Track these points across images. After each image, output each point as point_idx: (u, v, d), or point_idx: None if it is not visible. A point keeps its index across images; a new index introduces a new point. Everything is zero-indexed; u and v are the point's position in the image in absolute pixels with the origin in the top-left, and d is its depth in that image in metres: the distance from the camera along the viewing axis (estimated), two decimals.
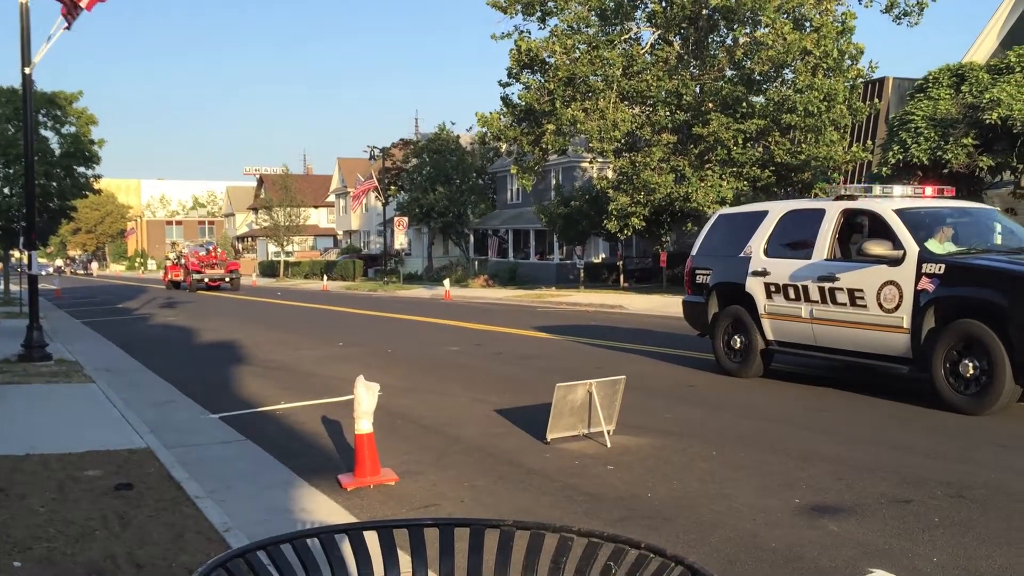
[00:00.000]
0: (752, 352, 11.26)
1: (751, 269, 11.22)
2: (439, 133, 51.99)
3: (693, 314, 12.63)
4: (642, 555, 2.17)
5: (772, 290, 10.89)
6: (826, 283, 10.11)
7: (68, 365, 13.54)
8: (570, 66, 27.99)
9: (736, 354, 11.58)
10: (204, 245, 50.86)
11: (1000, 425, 8.37)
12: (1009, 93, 18.95)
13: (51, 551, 5.00)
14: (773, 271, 10.91)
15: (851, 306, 9.85)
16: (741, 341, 11.45)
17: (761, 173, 27.17)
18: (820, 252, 10.36)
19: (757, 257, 11.21)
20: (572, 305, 27.45)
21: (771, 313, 10.94)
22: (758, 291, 11.09)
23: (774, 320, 10.92)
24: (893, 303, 9.36)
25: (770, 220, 11.33)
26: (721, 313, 11.86)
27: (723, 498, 6.22)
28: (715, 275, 11.97)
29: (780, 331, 10.92)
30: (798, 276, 10.52)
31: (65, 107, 31.42)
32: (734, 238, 11.79)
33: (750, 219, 11.79)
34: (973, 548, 5.09)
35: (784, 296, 10.73)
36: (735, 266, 11.53)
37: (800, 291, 10.49)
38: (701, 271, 12.33)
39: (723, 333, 11.78)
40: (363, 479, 6.73)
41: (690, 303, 12.67)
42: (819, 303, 10.25)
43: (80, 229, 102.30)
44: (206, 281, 44.76)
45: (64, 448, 7.58)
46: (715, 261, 12.06)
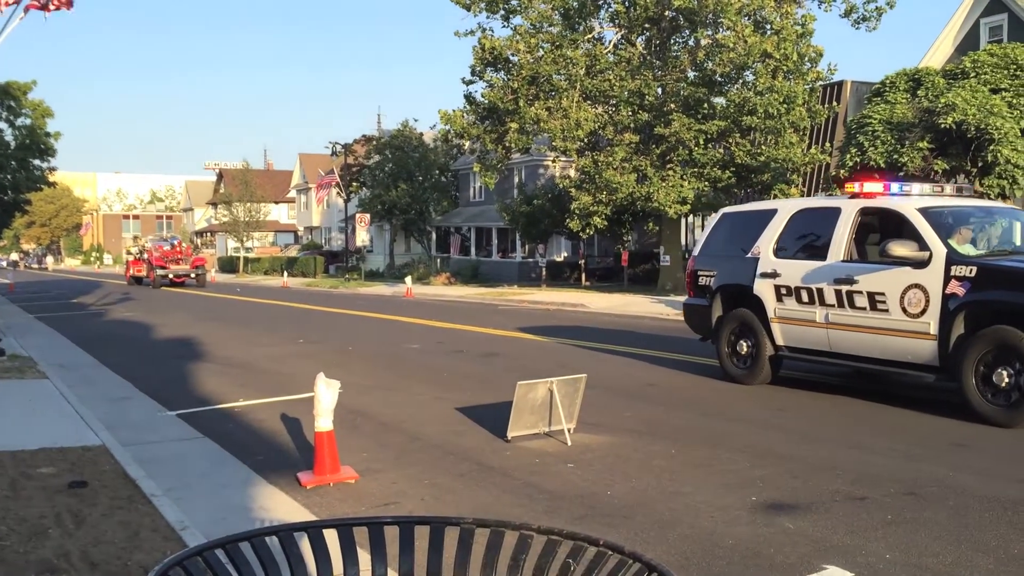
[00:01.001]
0: (760, 358, 10.64)
1: (759, 271, 10.63)
2: (402, 130, 51.76)
3: (695, 318, 11.98)
4: (600, 552, 2.19)
5: (783, 293, 10.29)
6: (843, 286, 9.55)
7: (21, 361, 13.30)
8: (533, 65, 28.04)
9: (742, 360, 10.96)
10: (168, 239, 48.81)
11: (959, 425, 8.53)
12: (964, 98, 19.30)
13: (3, 549, 4.92)
14: (784, 273, 10.31)
15: (871, 310, 9.28)
16: (748, 346, 10.84)
17: (722, 174, 27.43)
18: (836, 253, 9.78)
19: (766, 258, 10.62)
20: (534, 303, 27.50)
21: (782, 317, 10.36)
22: (767, 294, 10.49)
23: (785, 324, 10.34)
24: (918, 307, 8.81)
25: (779, 219, 10.72)
26: (726, 317, 11.24)
27: (681, 496, 6.28)
28: (719, 277, 11.39)
29: (791, 336, 10.31)
30: (812, 278, 9.94)
31: (20, 98, 30.88)
32: (740, 238, 11.21)
33: (757, 218, 11.21)
34: (925, 545, 5.19)
35: (796, 299, 10.13)
36: (741, 267, 10.95)
37: (814, 294, 9.90)
38: (704, 272, 11.70)
39: (728, 338, 11.16)
40: (323, 477, 6.70)
41: (692, 306, 12.00)
42: (835, 307, 9.65)
43: (34, 223, 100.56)
44: (170, 277, 43.44)
45: (16, 445, 7.45)
46: (719, 262, 11.47)
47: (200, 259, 46.84)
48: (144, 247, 47.40)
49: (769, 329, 10.49)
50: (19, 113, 31.25)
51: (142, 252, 46.86)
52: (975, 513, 5.77)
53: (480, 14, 29.75)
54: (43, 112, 31.53)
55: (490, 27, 30.22)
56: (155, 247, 45.55)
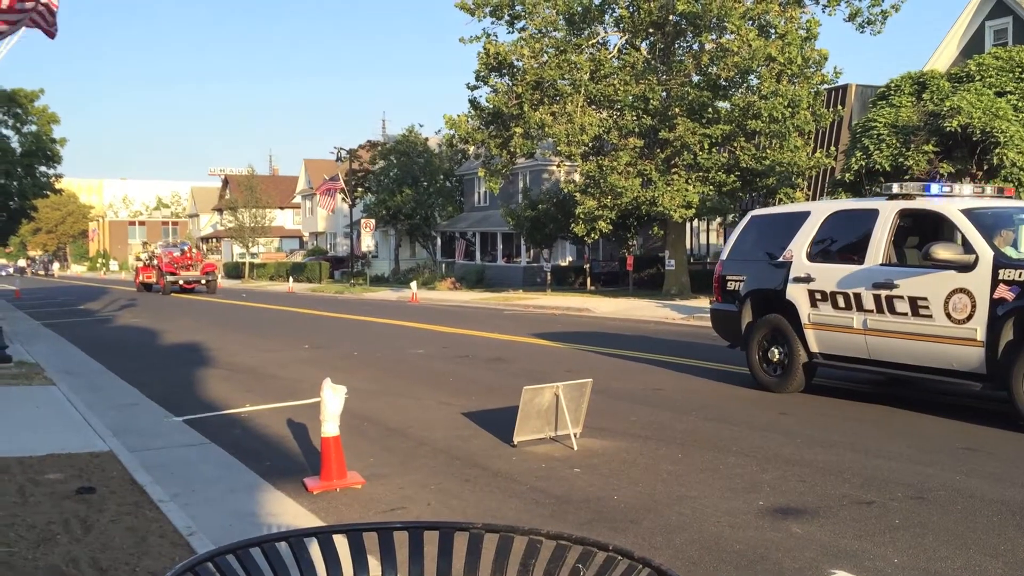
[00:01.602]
0: (793, 365, 10.32)
1: (792, 275, 10.28)
2: (407, 135, 51.85)
3: (723, 324, 11.63)
4: (610, 557, 2.19)
5: (817, 298, 9.95)
6: (882, 291, 9.19)
7: (28, 367, 13.33)
8: (538, 70, 28.08)
9: (775, 367, 10.63)
10: (178, 245, 47.63)
11: (968, 428, 8.51)
12: (969, 101, 19.29)
13: (11, 555, 4.93)
14: (818, 277, 9.97)
15: (913, 316, 8.91)
16: (780, 353, 10.51)
17: (727, 178, 27.42)
18: (874, 256, 9.43)
19: (799, 262, 10.27)
20: (539, 308, 27.50)
21: (816, 323, 10.01)
22: (801, 299, 10.15)
23: (820, 331, 9.99)
24: (964, 313, 8.45)
25: (813, 222, 10.39)
26: (757, 323, 10.89)
27: (688, 500, 6.27)
28: (749, 282, 11.04)
29: (827, 343, 9.97)
30: (848, 283, 9.60)
31: (26, 105, 31.03)
32: (770, 241, 10.89)
33: (788, 221, 10.88)
34: (933, 549, 5.18)
35: (832, 304, 9.78)
36: (773, 272, 10.62)
37: (851, 299, 9.54)
38: (732, 277, 11.34)
39: (759, 345, 10.83)
40: (329, 482, 6.70)
41: (720, 312, 11.64)
42: (874, 312, 9.31)
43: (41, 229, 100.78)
44: (180, 283, 42.59)
45: (24, 451, 7.46)
46: (749, 266, 11.12)
47: (210, 265, 46.01)
48: (154, 253, 46.62)
49: (803, 335, 10.18)
50: (25, 120, 31.40)
51: (152, 258, 46.04)
52: (984, 517, 5.75)
53: (485, 19, 29.81)
54: (49, 119, 31.68)
55: (495, 32, 30.48)
56: (165, 253, 44.90)
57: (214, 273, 44.75)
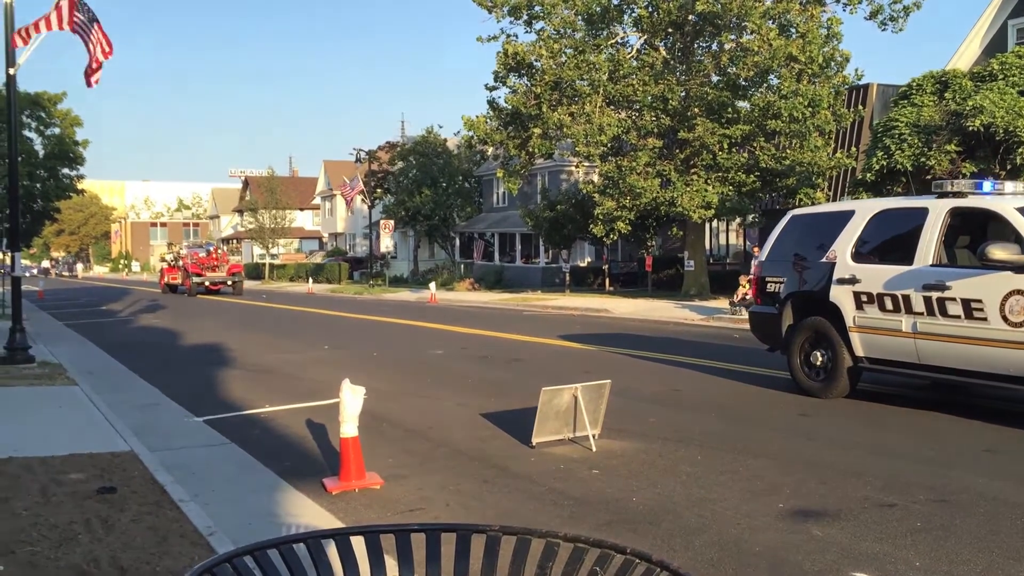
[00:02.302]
0: (837, 369, 9.96)
1: (836, 276, 9.94)
2: (426, 136, 51.99)
3: (763, 327, 11.29)
4: (628, 560, 2.18)
5: (863, 300, 9.60)
6: (933, 292, 8.83)
7: (51, 367, 13.45)
8: (556, 70, 28.05)
9: (817, 372, 10.29)
10: (204, 245, 46.63)
11: (991, 430, 8.43)
12: (992, 100, 19.10)
13: (34, 555, 4.97)
14: (864, 279, 9.62)
15: (966, 319, 8.57)
16: (823, 357, 10.18)
17: (746, 178, 27.29)
18: (924, 257, 9.08)
19: (843, 263, 9.93)
20: (558, 309, 27.48)
21: (862, 326, 9.65)
22: (846, 301, 9.80)
23: (866, 334, 9.63)
24: (1022, 315, 8.16)
25: (857, 221, 10.02)
26: (798, 326, 10.55)
27: (707, 502, 6.24)
28: (790, 283, 10.72)
29: (873, 346, 9.60)
30: (896, 284, 9.25)
31: (49, 108, 31.33)
32: (812, 242, 10.55)
33: (831, 220, 10.54)
34: (955, 552, 5.13)
35: (879, 307, 9.43)
36: (815, 273, 10.30)
37: (900, 301, 9.18)
38: (772, 279, 11.01)
39: (801, 348, 10.48)
40: (348, 483, 6.72)
41: (759, 315, 11.32)
42: (924, 315, 8.94)
43: (63, 231, 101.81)
44: (207, 284, 41.66)
45: (47, 451, 7.53)
46: (789, 268, 10.80)
47: (237, 266, 45.24)
48: (179, 254, 45.59)
49: (847, 339, 9.82)
50: (49, 123, 31.69)
51: (177, 259, 44.94)
52: (1007, 520, 5.70)
53: (504, 20, 29.83)
54: (72, 121, 31.97)
55: (514, 33, 30.39)
56: (191, 253, 44.05)
57: (240, 274, 43.98)
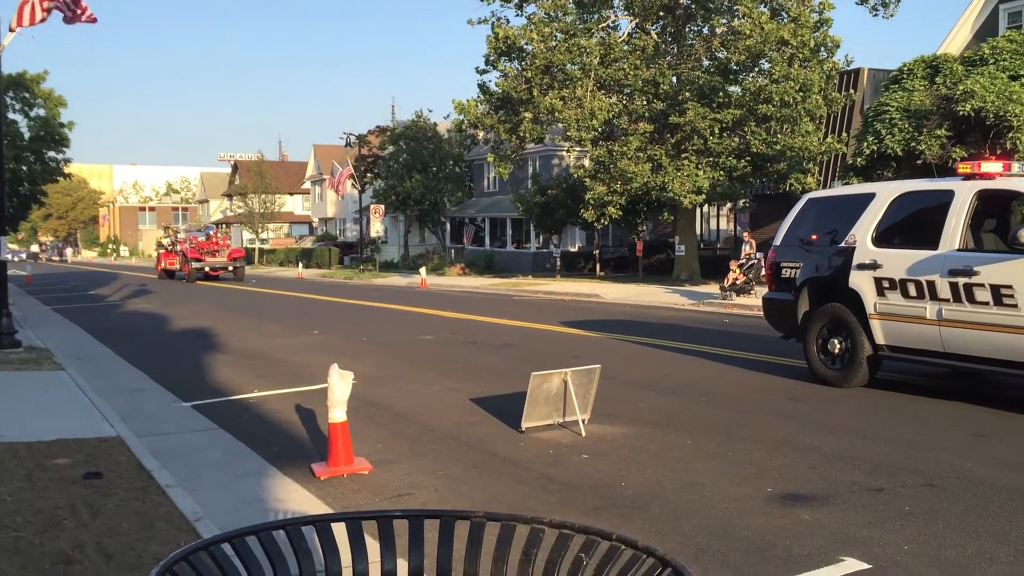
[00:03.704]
0: (857, 358, 9.66)
1: (856, 261, 9.61)
2: (416, 120, 51.72)
3: (778, 314, 10.96)
4: (613, 546, 2.16)
5: (885, 286, 9.27)
6: (960, 278, 8.51)
7: (38, 352, 13.37)
8: (547, 54, 27.91)
9: (835, 360, 9.99)
10: (203, 229, 44.47)
11: (979, 415, 8.45)
12: (982, 85, 19.09)
13: (18, 540, 4.93)
14: (886, 264, 9.28)
15: (995, 306, 8.26)
16: (841, 345, 9.88)
17: (737, 163, 27.27)
18: (949, 241, 8.74)
19: (863, 247, 9.59)
20: (548, 294, 27.46)
21: (883, 313, 9.31)
22: (866, 287, 9.48)
23: (887, 321, 9.30)
24: None
25: (878, 204, 9.67)
26: (815, 313, 10.23)
27: (696, 487, 6.24)
28: (806, 268, 10.37)
29: (895, 334, 9.28)
30: (920, 269, 8.91)
31: (32, 88, 30.98)
32: (830, 226, 10.23)
33: (850, 203, 10.18)
34: (944, 536, 5.14)
35: (902, 293, 9.10)
36: (833, 258, 9.97)
37: (924, 287, 8.85)
38: (788, 264, 10.66)
39: (817, 336, 10.15)
40: (337, 468, 6.69)
41: (774, 301, 10.99)
42: (950, 302, 8.61)
43: (51, 215, 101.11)
44: (206, 270, 39.68)
45: (33, 436, 7.48)
46: (806, 252, 10.45)
47: (238, 250, 43.15)
48: (177, 238, 43.63)
49: (867, 326, 9.51)
50: (33, 104, 31.36)
51: (174, 243, 42.93)
52: (995, 504, 5.71)
53: (494, 2, 29.66)
54: (56, 102, 31.63)
55: (504, 16, 30.17)
56: (189, 238, 42.35)
57: (242, 259, 42.12)
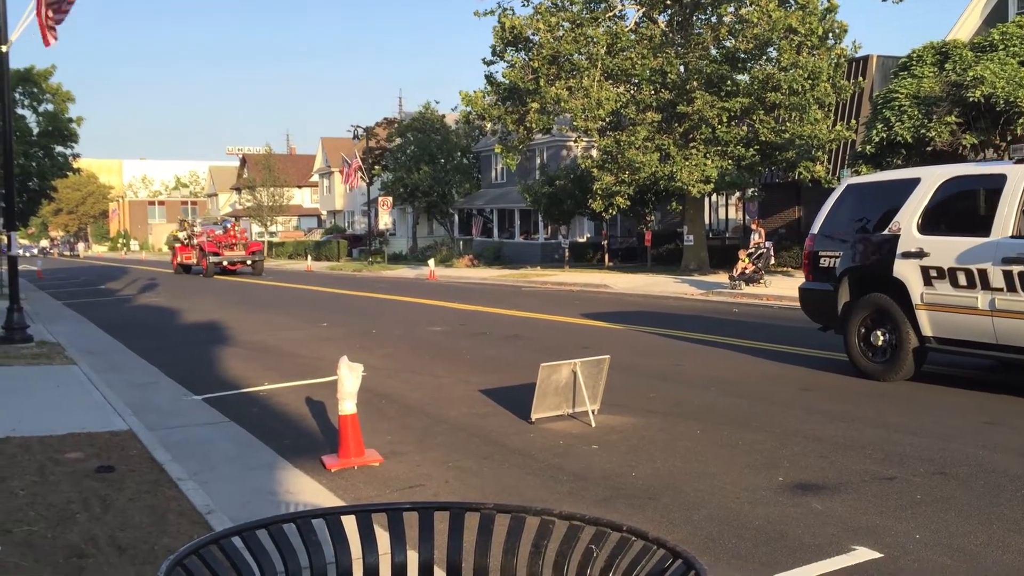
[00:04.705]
0: (902, 350, 9.31)
1: (901, 250, 9.23)
2: (423, 112, 51.68)
3: (816, 305, 10.61)
4: (624, 538, 2.15)
5: (932, 275, 8.89)
6: (1015, 266, 8.20)
7: (50, 347, 13.42)
8: (554, 44, 27.81)
9: (878, 352, 9.63)
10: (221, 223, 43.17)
11: (991, 402, 8.41)
12: (992, 71, 18.97)
13: (31, 534, 4.96)
14: (933, 252, 8.91)
15: None
16: (885, 337, 9.52)
17: (746, 152, 27.15)
18: (1002, 228, 8.40)
19: (909, 235, 9.21)
20: (557, 285, 27.45)
21: (931, 304, 8.95)
22: (912, 276, 9.09)
23: (935, 312, 8.93)
24: None
25: (924, 189, 9.28)
26: (856, 303, 9.88)
27: (707, 477, 6.23)
28: (846, 258, 10.01)
29: (943, 325, 8.90)
30: (971, 258, 8.55)
31: (41, 83, 31.01)
32: (872, 213, 9.90)
33: (894, 189, 9.83)
34: (955, 525, 5.12)
35: (951, 282, 8.74)
36: (876, 246, 9.60)
37: (975, 276, 8.49)
38: (826, 253, 10.29)
39: (859, 328, 9.80)
40: (347, 460, 6.71)
41: (812, 291, 10.61)
42: (1004, 291, 8.27)
43: (61, 210, 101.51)
44: (224, 264, 38.93)
45: (45, 430, 7.51)
46: (846, 241, 10.11)
47: (256, 244, 41.98)
48: (193, 232, 42.58)
49: (913, 317, 9.15)
50: (41, 99, 31.40)
51: (190, 237, 41.96)
52: (1008, 492, 5.69)
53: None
54: (64, 97, 31.66)
55: (510, 6, 30.07)
56: (206, 231, 41.49)
57: (261, 253, 40.91)
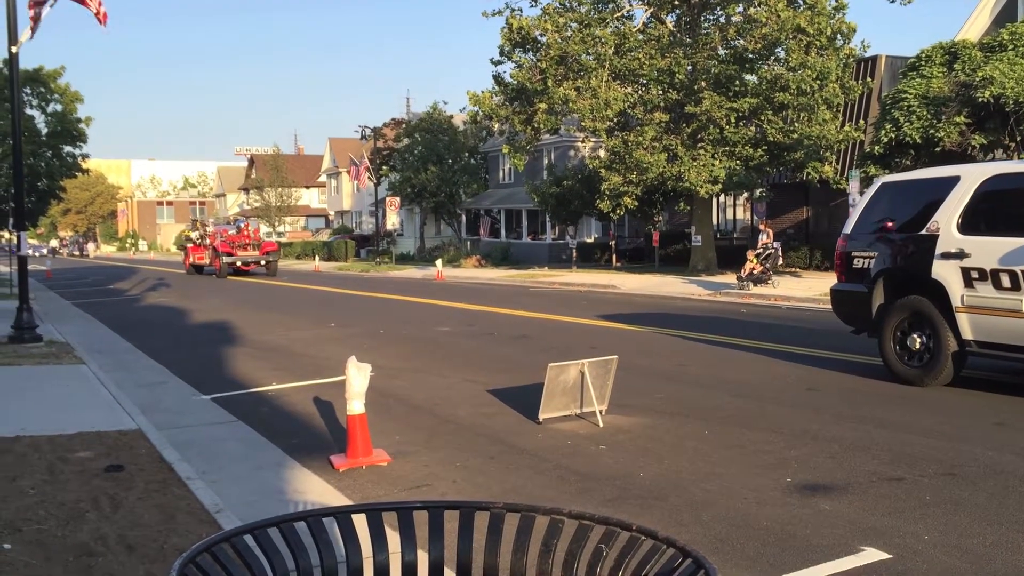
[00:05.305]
0: (940, 354, 9.02)
1: (940, 250, 8.95)
2: (431, 112, 51.71)
3: (849, 307, 10.35)
4: (633, 537, 2.15)
5: (974, 277, 8.62)
6: None
7: (59, 346, 13.47)
8: (562, 44, 27.81)
9: (915, 357, 9.36)
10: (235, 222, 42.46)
11: (1000, 403, 8.38)
12: (1001, 71, 18.91)
13: (41, 533, 4.98)
14: (974, 252, 8.64)
15: None
16: (922, 341, 9.25)
17: (754, 152, 27.12)
18: None
19: (948, 235, 8.93)
20: (565, 285, 27.44)
21: (972, 306, 8.68)
22: (952, 278, 8.82)
23: (976, 315, 8.65)
24: None
25: (964, 188, 8.99)
26: (892, 306, 9.61)
27: (714, 477, 6.22)
28: (881, 258, 9.75)
29: (985, 329, 8.61)
30: (1016, 259, 8.30)
31: (50, 84, 31.11)
32: (908, 212, 9.66)
33: (931, 187, 9.55)
34: (965, 526, 5.11)
35: (994, 284, 8.45)
36: (913, 247, 9.32)
37: (1020, 278, 8.27)
38: (860, 254, 10.03)
39: (894, 331, 9.54)
40: (355, 460, 6.72)
41: (844, 293, 10.35)
42: None
43: (70, 210, 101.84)
44: (238, 264, 38.34)
45: (54, 430, 7.54)
46: (880, 241, 9.85)
47: (271, 244, 41.05)
48: (206, 232, 41.90)
49: (953, 320, 8.88)
50: (49, 99, 31.49)
51: (203, 237, 41.32)
52: (1017, 493, 5.67)
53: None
54: (73, 97, 31.74)
55: (518, 7, 30.02)
56: (219, 231, 40.78)
57: (275, 253, 40.13)
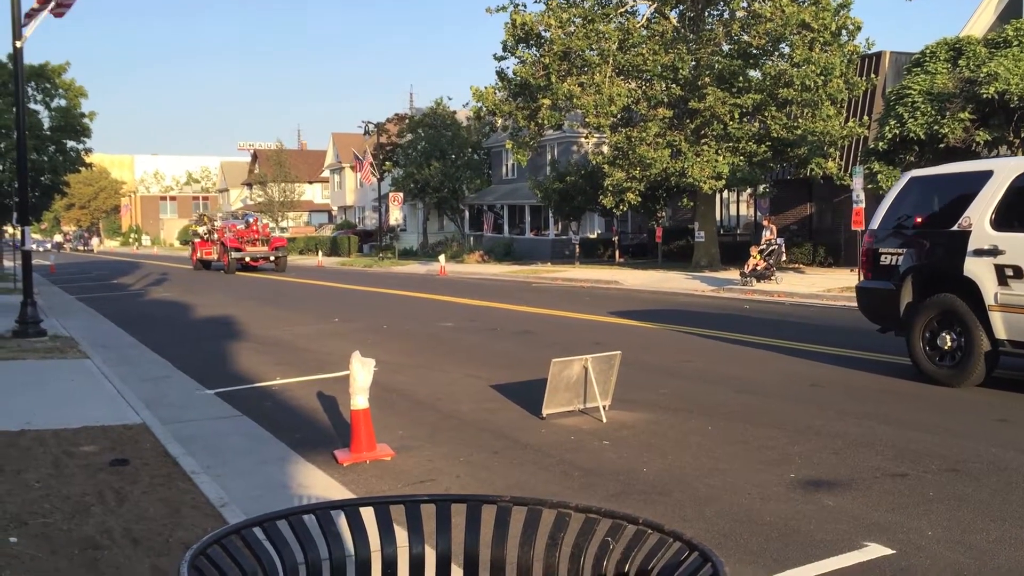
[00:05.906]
0: (972, 354, 8.78)
1: (972, 247, 8.71)
2: (435, 108, 51.69)
3: (875, 305, 10.08)
4: (640, 531, 2.16)
5: (1008, 275, 8.37)
6: None
7: (63, 341, 13.50)
8: (565, 40, 27.77)
9: (946, 356, 9.12)
10: (243, 217, 42.36)
11: (1003, 399, 8.38)
12: (1006, 67, 18.87)
13: (47, 526, 5.00)
14: (1009, 249, 8.39)
15: None
16: (953, 340, 9.01)
17: (757, 148, 27.09)
18: None
19: (981, 231, 8.68)
20: (568, 281, 27.44)
21: (1006, 304, 8.43)
22: (985, 275, 8.56)
23: (1011, 314, 8.41)
24: None
25: (997, 182, 8.74)
26: (921, 304, 9.36)
27: (718, 473, 6.23)
28: (910, 255, 9.49)
29: (1020, 328, 8.39)
30: None
31: (54, 79, 31.12)
32: (938, 207, 9.45)
33: (962, 182, 9.32)
34: (968, 522, 5.11)
35: None
36: (943, 243, 9.09)
37: None
38: (887, 251, 9.76)
39: (924, 330, 9.28)
40: (359, 454, 6.74)
41: (870, 291, 10.08)
42: None
43: (74, 205, 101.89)
44: (247, 260, 37.84)
45: (59, 424, 7.57)
46: (908, 237, 9.59)
47: (280, 239, 40.62)
48: (214, 226, 41.15)
49: (986, 319, 8.64)
50: (53, 95, 31.51)
51: (211, 232, 40.72)
52: (1020, 489, 5.68)
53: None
54: (77, 92, 31.75)
55: (522, 2, 29.98)
56: (227, 226, 40.16)
57: (284, 248, 39.49)
